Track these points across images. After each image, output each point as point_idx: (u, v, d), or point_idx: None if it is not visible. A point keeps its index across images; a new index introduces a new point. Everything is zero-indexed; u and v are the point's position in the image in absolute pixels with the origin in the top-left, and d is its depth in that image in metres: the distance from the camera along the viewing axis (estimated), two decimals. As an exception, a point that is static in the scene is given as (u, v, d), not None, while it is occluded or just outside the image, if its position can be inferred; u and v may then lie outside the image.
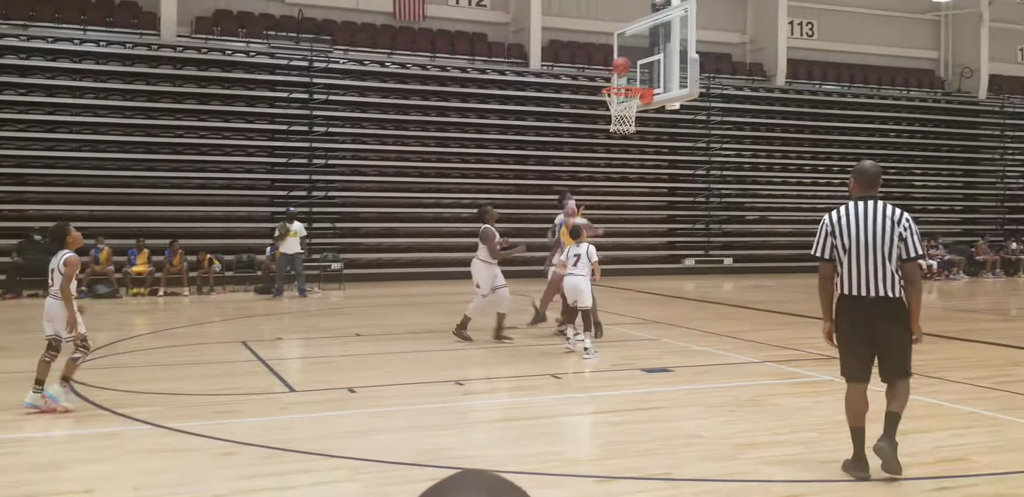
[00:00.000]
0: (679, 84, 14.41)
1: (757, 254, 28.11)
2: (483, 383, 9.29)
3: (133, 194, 21.94)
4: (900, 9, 32.34)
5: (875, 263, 5.82)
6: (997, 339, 12.59)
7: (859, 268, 5.86)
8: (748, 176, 28.61)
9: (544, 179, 26.03)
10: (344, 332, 13.28)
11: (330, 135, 23.72)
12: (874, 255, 5.83)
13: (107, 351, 11.19)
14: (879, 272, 5.81)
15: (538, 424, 7.47)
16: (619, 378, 9.64)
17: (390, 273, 23.39)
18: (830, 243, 6.03)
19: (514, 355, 11.08)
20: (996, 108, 32.07)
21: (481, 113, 25.48)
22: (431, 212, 24.71)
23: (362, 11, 25.87)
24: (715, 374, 9.80)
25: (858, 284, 5.86)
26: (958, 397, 8.31)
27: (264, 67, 23.52)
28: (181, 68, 22.66)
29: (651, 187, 27.53)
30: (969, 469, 6.10)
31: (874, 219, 5.88)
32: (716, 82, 27.78)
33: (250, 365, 10.31)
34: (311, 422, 7.49)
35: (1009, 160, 32.12)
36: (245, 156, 23.19)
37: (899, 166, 30.41)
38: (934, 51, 33.45)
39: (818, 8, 31.32)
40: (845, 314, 5.97)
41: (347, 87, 24.12)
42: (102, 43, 22.05)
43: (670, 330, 13.43)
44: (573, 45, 27.85)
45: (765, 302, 18.45)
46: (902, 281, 5.85)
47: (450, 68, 25.38)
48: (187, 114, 22.66)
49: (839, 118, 29.60)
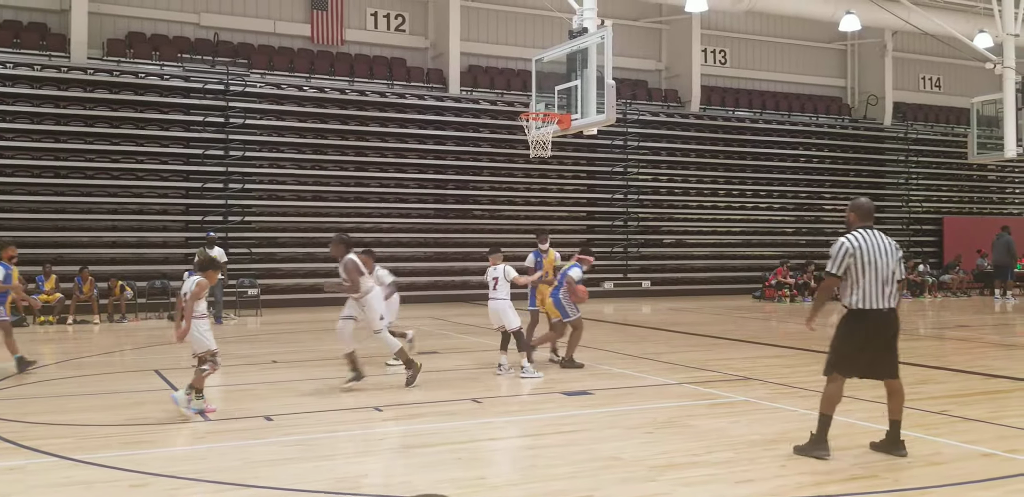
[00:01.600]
0: (596, 110, 14.62)
1: (674, 277, 28.50)
2: (403, 409, 9.21)
3: (41, 220, 21.37)
4: (808, 38, 33.32)
5: (885, 281, 6.88)
6: (905, 358, 12.83)
7: (875, 285, 6.86)
8: (665, 200, 29.06)
9: (464, 203, 26.09)
10: (261, 359, 13.07)
11: (247, 159, 23.46)
12: (884, 275, 6.88)
13: (12, 382, 10.82)
14: (888, 289, 6.90)
15: (458, 449, 7.43)
16: (539, 402, 9.66)
17: (308, 299, 23.09)
18: (847, 263, 6.90)
19: (435, 380, 11.01)
20: (900, 134, 33.19)
21: (400, 137, 25.48)
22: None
23: (280, 35, 25.73)
24: (634, 396, 9.87)
25: (876, 298, 6.87)
26: (868, 415, 8.50)
27: (179, 90, 23.18)
28: (92, 91, 22.23)
29: (570, 211, 27.77)
30: (879, 486, 6.25)
31: (882, 245, 6.95)
32: (633, 108, 28.23)
33: (163, 394, 10.04)
34: (226, 451, 7.34)
35: (913, 184, 33.20)
36: (159, 181, 22.78)
37: (809, 190, 31.25)
38: (841, 79, 34.52)
39: (730, 37, 32.10)
40: (864, 324, 6.92)
41: (264, 111, 23.91)
42: (8, 65, 21.50)
43: (589, 353, 13.49)
44: (492, 70, 28.05)
45: (682, 324, 18.68)
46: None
47: (369, 92, 25.34)
48: (98, 138, 22.20)
49: (752, 143, 30.30)
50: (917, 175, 33.44)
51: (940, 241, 33.01)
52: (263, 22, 25.46)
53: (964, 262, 29.29)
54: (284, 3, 25.81)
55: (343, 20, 26.19)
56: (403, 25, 27.29)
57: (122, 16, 23.96)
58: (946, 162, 33.64)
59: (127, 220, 22.23)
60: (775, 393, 9.94)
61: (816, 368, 11.93)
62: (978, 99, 24.61)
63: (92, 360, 13.10)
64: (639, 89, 29.90)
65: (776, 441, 7.53)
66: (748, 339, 15.61)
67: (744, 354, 13.55)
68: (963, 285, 28.39)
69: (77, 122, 22.05)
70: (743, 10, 25.23)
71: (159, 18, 24.38)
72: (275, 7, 25.70)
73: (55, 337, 17.06)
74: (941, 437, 7.58)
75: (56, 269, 19.54)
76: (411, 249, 24.93)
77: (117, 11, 23.84)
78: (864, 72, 34.23)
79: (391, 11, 27.14)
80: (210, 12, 24.89)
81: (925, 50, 34.54)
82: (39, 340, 16.44)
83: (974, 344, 15.07)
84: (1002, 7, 22.36)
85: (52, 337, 17.02)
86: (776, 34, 32.85)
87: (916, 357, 12.88)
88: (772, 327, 19.09)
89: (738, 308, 23.15)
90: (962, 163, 31.52)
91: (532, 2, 27.08)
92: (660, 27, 31.04)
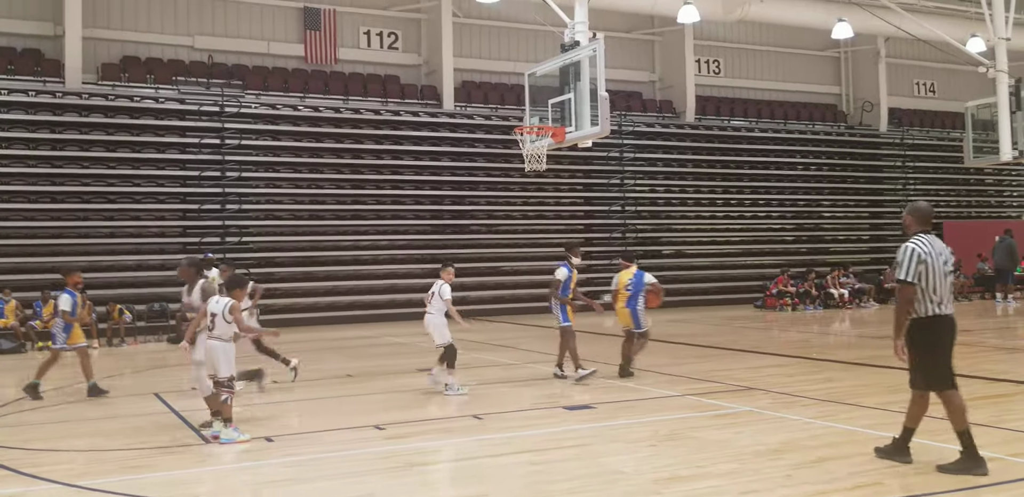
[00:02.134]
0: (591, 122, 14.60)
1: (674, 288, 28.39)
2: (404, 427, 9.16)
3: (38, 245, 21.34)
4: (801, 46, 33.37)
5: (947, 286, 6.82)
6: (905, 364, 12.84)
7: (942, 290, 6.78)
8: (662, 211, 29.04)
9: (460, 219, 26.08)
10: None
11: (243, 180, 23.45)
12: (946, 280, 6.81)
13: (12, 408, 10.78)
14: (949, 294, 6.84)
15: (461, 466, 7.39)
16: (541, 416, 9.60)
17: (307, 318, 23.06)
18: (919, 269, 6.75)
19: (434, 398, 10.97)
20: (896, 140, 33.18)
21: (396, 154, 25.48)
22: (348, 255, 24.54)
23: (274, 55, 25.78)
24: (637, 409, 9.82)
25: (945, 303, 6.80)
26: (872, 423, 8.45)
27: (174, 113, 23.20)
28: (87, 115, 22.25)
29: (567, 224, 27.73)
30: (885, 492, 6.20)
31: (941, 250, 6.90)
32: (627, 120, 28.25)
33: (163, 417, 10.02)
34: (228, 474, 7.29)
35: (911, 190, 33.17)
36: (156, 203, 22.77)
37: (807, 198, 31.23)
38: (836, 86, 34.56)
39: (723, 47, 32.15)
40: (942, 329, 6.81)
41: (260, 131, 23.92)
42: (3, 91, 21.51)
43: (591, 366, 13.43)
44: (486, 85, 28.10)
45: (684, 335, 18.63)
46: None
47: (363, 110, 25.36)
48: (94, 162, 22.19)
49: (748, 152, 30.29)
50: (915, 180, 33.41)
51: (940, 246, 32.90)
52: (257, 43, 25.51)
53: (964, 266, 29.22)
54: (278, 24, 25.88)
55: (336, 39, 26.25)
56: (396, 43, 27.34)
57: (116, 40, 23.98)
58: (943, 167, 33.61)
59: (124, 244, 22.17)
60: (778, 403, 9.88)
61: (819, 376, 11.92)
62: (972, 103, 24.62)
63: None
64: (633, 100, 29.93)
65: (780, 451, 7.48)
66: (750, 349, 15.55)
67: (746, 364, 13.50)
68: (964, 289, 28.33)
69: (73, 147, 22.05)
70: (735, 20, 25.32)
71: (153, 42, 24.41)
72: (269, 28, 25.76)
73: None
74: (946, 442, 7.52)
75: (54, 294, 19.44)
76: (408, 266, 24.86)
77: (111, 36, 23.86)
78: (858, 79, 34.27)
79: (384, 29, 27.20)
80: (204, 34, 24.93)
81: (918, 55, 34.59)
82: (37, 366, 16.35)
83: (976, 348, 15.01)
84: (993, 11, 22.40)
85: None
86: (769, 43, 32.92)
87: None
88: (774, 336, 19.05)
89: (739, 318, 23.10)
90: (959, 167, 31.49)
91: (523, 17, 27.13)
92: (653, 38, 31.10)
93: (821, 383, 11.34)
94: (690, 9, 23.15)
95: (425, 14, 27.46)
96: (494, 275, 25.81)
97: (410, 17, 27.49)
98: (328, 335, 20.45)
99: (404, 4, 27.20)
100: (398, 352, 16.84)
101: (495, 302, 25.23)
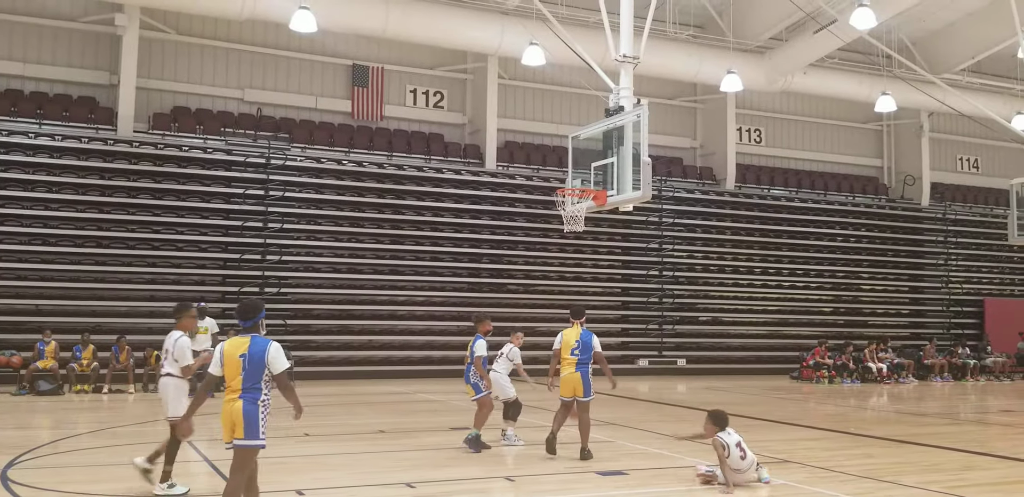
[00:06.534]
0: (632, 186, 14.67)
1: (710, 355, 28.20)
2: (435, 486, 9.08)
3: (81, 289, 21.63)
4: (844, 118, 33.49)
5: None
6: (948, 443, 12.61)
7: None
8: (700, 277, 28.93)
9: (498, 277, 26.13)
10: (293, 432, 12.95)
11: (285, 231, 23.73)
12: None
13: (48, 450, 10.82)
14: None
15: (492, 529, 7.30)
16: (573, 481, 9.49)
17: (343, 371, 23.08)
18: None
19: (467, 457, 10.88)
20: (939, 215, 32.98)
21: (436, 211, 25.69)
22: (385, 309, 24.63)
23: (321, 110, 26.27)
24: (670, 477, 9.68)
25: None
26: (913, 502, 8.28)
27: (221, 163, 23.62)
28: (136, 163, 22.71)
29: (605, 287, 27.70)
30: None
31: None
32: (668, 185, 28.37)
33: (195, 466, 10.02)
34: (257, 526, 7.24)
35: (953, 265, 32.86)
36: (198, 251, 23.05)
37: (847, 270, 31.00)
38: (878, 159, 34.53)
39: (765, 116, 32.34)
40: None
41: (303, 184, 24.25)
42: (57, 137, 22.05)
43: (624, 431, 13.31)
44: (528, 146, 28.39)
45: (718, 404, 18.33)
46: None
47: (406, 167, 25.67)
48: (141, 209, 22.58)
49: (788, 222, 30.24)
50: (956, 256, 33.09)
51: (981, 323, 32.46)
52: (305, 98, 26.04)
53: (1004, 345, 28.75)
54: (326, 80, 26.42)
55: (383, 96, 26.72)
56: (441, 102, 27.78)
57: (168, 91, 24.59)
58: (986, 243, 33.32)
59: (165, 290, 22.40)
60: (814, 476, 9.71)
61: (856, 451, 11.71)
62: (1017, 180, 24.43)
63: (126, 430, 13.10)
64: (674, 166, 30.08)
65: (818, 527, 7.33)
66: (786, 421, 15.33)
67: (782, 436, 13.30)
68: (1006, 368, 27.83)
69: (121, 193, 22.46)
70: (778, 90, 25.57)
71: (204, 93, 25.00)
72: (317, 84, 26.29)
73: (90, 406, 17.09)
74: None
75: (93, 338, 19.67)
76: (445, 323, 24.88)
77: (164, 86, 24.47)
78: (901, 152, 34.24)
79: (430, 88, 27.68)
80: (254, 88, 25.49)
81: (962, 131, 34.56)
82: (74, 408, 16.48)
83: (1019, 429, 14.69)
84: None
85: (87, 406, 17.06)
86: (811, 114, 33.07)
87: (960, 442, 12.58)
88: (810, 408, 18.76)
89: (775, 388, 22.80)
90: (1003, 245, 31.23)
91: (567, 80, 27.51)
92: (695, 106, 31.37)
93: (859, 459, 11.13)
94: (733, 78, 23.40)
95: (471, 75, 27.93)
96: (530, 335, 25.62)
97: (456, 77, 27.99)
98: (362, 390, 20.41)
99: (451, 64, 27.71)
100: (432, 409, 16.78)
101: (529, 362, 24.84)
